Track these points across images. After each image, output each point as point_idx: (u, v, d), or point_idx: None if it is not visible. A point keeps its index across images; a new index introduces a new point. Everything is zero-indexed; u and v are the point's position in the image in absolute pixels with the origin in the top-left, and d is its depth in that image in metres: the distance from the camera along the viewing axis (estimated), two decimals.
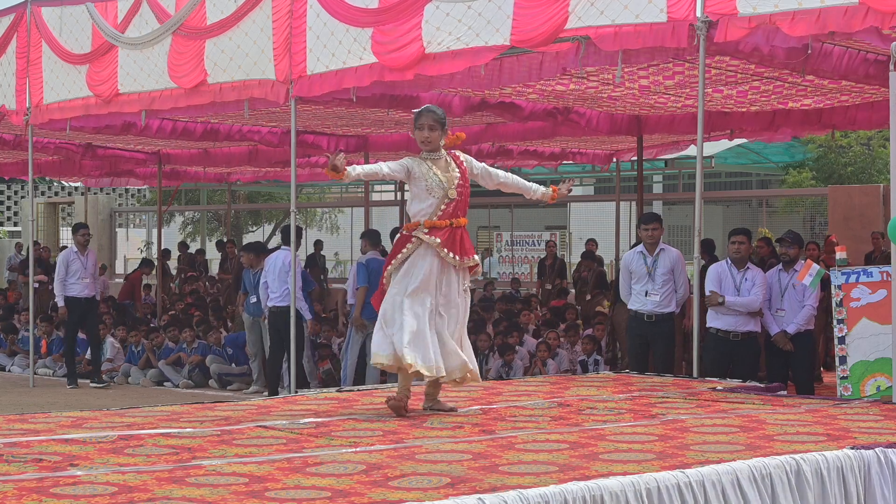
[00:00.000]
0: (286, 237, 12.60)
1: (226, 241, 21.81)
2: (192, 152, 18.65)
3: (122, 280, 21.78)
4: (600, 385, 8.17)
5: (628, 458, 5.11)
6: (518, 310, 15.33)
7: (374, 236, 12.87)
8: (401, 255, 6.59)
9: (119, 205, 33.56)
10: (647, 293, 9.92)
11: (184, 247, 23.47)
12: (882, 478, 5.28)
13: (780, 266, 9.87)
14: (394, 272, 6.62)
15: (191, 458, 5.17)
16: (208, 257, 24.62)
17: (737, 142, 17.90)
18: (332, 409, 6.89)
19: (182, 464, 5.02)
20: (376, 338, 6.65)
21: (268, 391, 12.68)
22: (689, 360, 9.57)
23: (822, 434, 5.84)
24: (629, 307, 10.18)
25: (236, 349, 14.62)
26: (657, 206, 28.63)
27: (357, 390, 8.36)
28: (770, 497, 4.92)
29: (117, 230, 28.13)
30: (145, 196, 33.84)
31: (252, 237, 31.23)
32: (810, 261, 9.62)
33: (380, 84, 10.27)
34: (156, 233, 22.74)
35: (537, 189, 7.09)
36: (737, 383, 8.23)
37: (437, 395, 6.76)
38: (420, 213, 6.63)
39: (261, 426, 6.15)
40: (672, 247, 10.26)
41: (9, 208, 38.31)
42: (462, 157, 6.84)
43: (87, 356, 15.59)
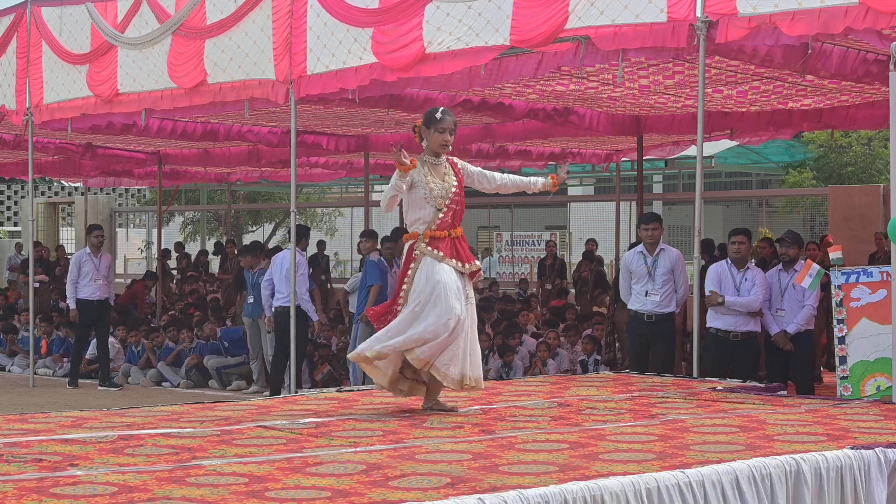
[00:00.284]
0: (297, 236, 12.60)
1: (225, 242, 21.80)
2: (192, 152, 18.65)
3: (124, 283, 21.76)
4: (600, 385, 8.18)
5: (628, 458, 5.11)
6: (517, 310, 15.33)
7: (376, 236, 12.89)
8: (409, 272, 6.59)
9: (119, 205, 33.55)
10: (647, 293, 9.92)
11: (180, 247, 23.47)
12: (882, 478, 5.28)
13: (780, 266, 9.87)
14: (405, 294, 6.60)
15: (191, 458, 5.17)
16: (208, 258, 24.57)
17: (737, 141, 17.87)
18: (332, 409, 6.89)
19: (182, 464, 5.02)
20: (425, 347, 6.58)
21: (269, 391, 12.66)
22: (689, 360, 9.58)
23: (822, 434, 5.84)
24: (629, 307, 10.18)
25: (232, 343, 14.58)
26: (657, 206, 28.62)
27: (357, 390, 8.37)
28: (770, 497, 4.92)
29: (117, 230, 28.14)
30: (145, 196, 33.83)
31: (252, 237, 31.21)
32: (810, 261, 9.61)
33: (380, 84, 10.26)
34: (156, 233, 22.74)
35: (536, 181, 7.05)
36: (737, 383, 8.23)
37: (437, 395, 6.77)
38: (418, 223, 6.62)
39: (261, 426, 6.15)
40: (672, 247, 10.27)
41: (9, 208, 38.31)
42: (459, 163, 6.84)
43: (88, 357, 15.61)
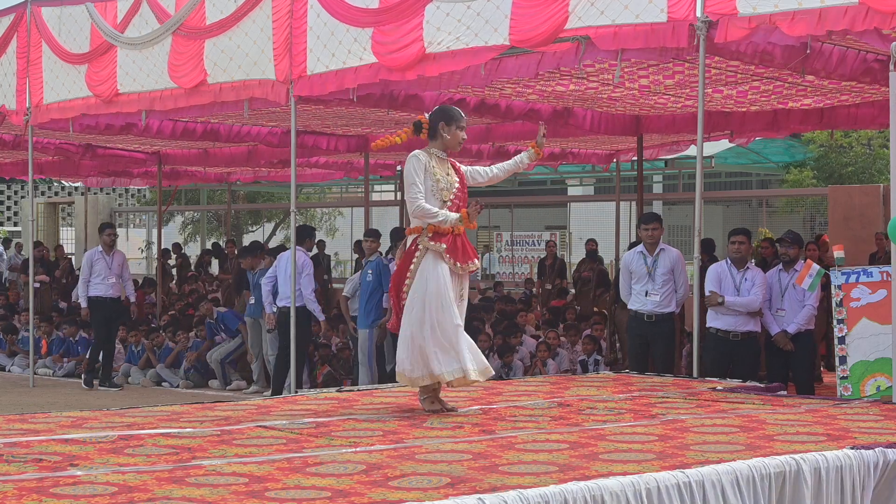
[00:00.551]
0: (300, 237, 12.60)
1: (225, 242, 21.80)
2: (192, 152, 18.65)
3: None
4: (600, 385, 8.17)
5: (628, 458, 5.11)
6: (517, 310, 15.32)
7: (381, 236, 12.88)
8: (412, 266, 6.61)
9: (119, 205, 33.53)
10: (647, 293, 9.92)
11: (178, 248, 23.47)
12: (882, 478, 5.28)
13: (781, 266, 9.87)
14: (408, 289, 6.64)
15: (191, 458, 5.17)
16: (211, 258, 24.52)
17: (737, 141, 17.87)
18: (332, 409, 6.89)
19: (182, 464, 5.02)
20: (404, 356, 6.67)
21: (271, 391, 12.66)
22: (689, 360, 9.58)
23: (822, 434, 5.84)
24: (629, 307, 10.18)
25: (229, 323, 14.52)
26: (657, 206, 28.61)
27: (357, 390, 8.37)
28: (770, 497, 4.92)
29: (117, 230, 28.06)
30: (145, 196, 33.82)
31: (252, 237, 31.22)
32: (810, 261, 9.62)
33: (380, 84, 10.27)
34: (156, 233, 22.73)
35: (522, 158, 7.11)
36: (737, 383, 8.23)
37: (437, 395, 6.77)
38: None
39: (261, 426, 6.15)
40: (672, 247, 10.27)
41: (9, 208, 38.30)
42: (456, 163, 6.93)
43: (87, 356, 15.61)
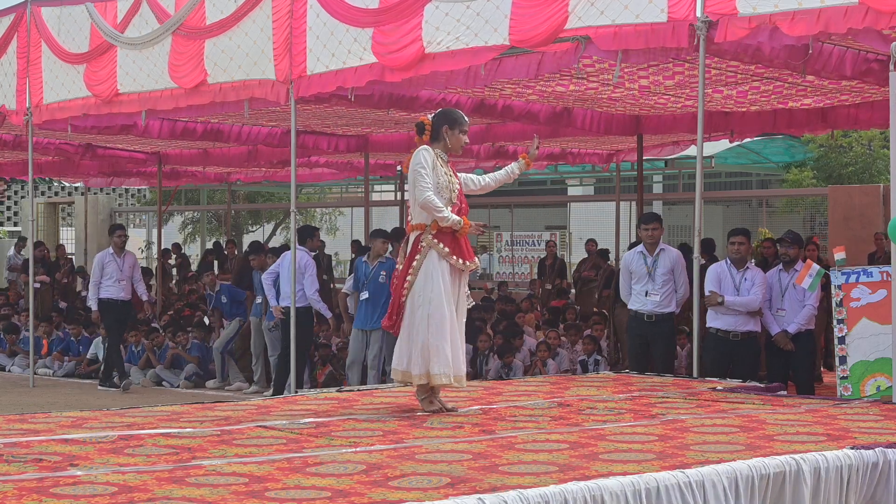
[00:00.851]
0: (302, 237, 12.59)
1: (225, 242, 21.78)
2: (192, 152, 18.65)
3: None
4: (600, 385, 8.18)
5: (628, 458, 5.11)
6: (517, 310, 15.31)
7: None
8: (414, 263, 6.63)
9: (119, 205, 33.51)
10: (647, 293, 9.93)
11: (177, 248, 23.47)
12: (882, 478, 5.28)
13: (781, 266, 9.87)
14: (410, 286, 6.64)
15: (191, 458, 5.17)
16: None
17: (737, 142, 17.86)
18: (332, 409, 6.89)
19: (182, 464, 5.02)
20: (401, 355, 6.70)
21: (272, 391, 12.65)
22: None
23: (822, 434, 5.84)
24: (629, 307, 10.19)
25: (230, 298, 14.46)
26: (657, 206, 28.58)
27: (357, 390, 8.37)
28: (770, 497, 4.93)
29: None
30: (145, 196, 33.82)
31: (252, 237, 31.21)
32: (810, 261, 9.62)
33: (380, 84, 10.27)
34: (156, 233, 22.73)
35: (512, 169, 7.16)
36: (737, 383, 8.24)
37: (437, 395, 6.78)
38: (425, 213, 6.69)
39: (261, 426, 6.15)
40: (672, 247, 10.27)
41: (9, 208, 38.30)
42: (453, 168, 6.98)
43: (88, 357, 15.61)
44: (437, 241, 6.64)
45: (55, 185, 34.10)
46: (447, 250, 6.62)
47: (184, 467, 4.94)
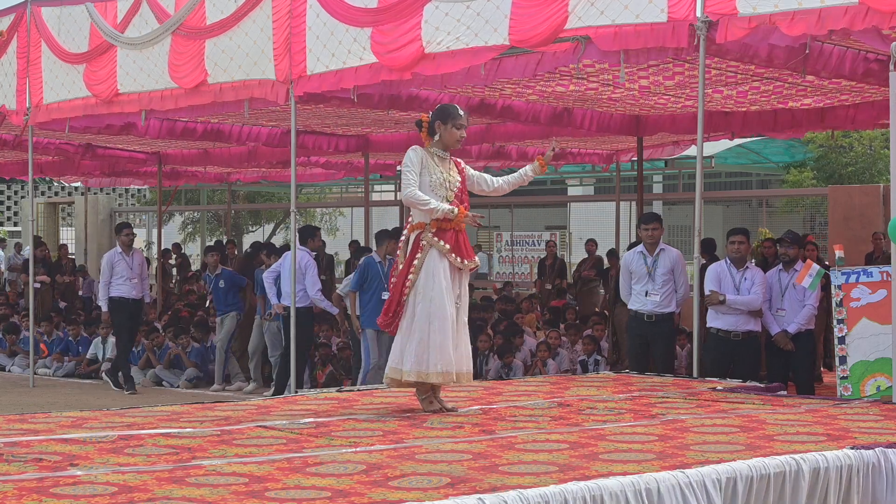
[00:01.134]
0: (301, 236, 12.57)
1: (225, 242, 21.78)
2: (192, 152, 18.64)
3: None
4: (600, 385, 8.18)
5: (628, 458, 5.11)
6: (517, 310, 15.31)
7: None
8: (416, 262, 6.62)
9: (119, 205, 33.52)
10: (647, 293, 9.93)
11: (178, 247, 23.47)
12: (882, 478, 5.28)
13: (780, 266, 9.87)
14: (412, 284, 6.64)
15: (191, 458, 5.17)
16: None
17: (737, 142, 17.88)
18: (332, 409, 6.89)
19: (182, 464, 5.02)
20: (399, 354, 6.69)
21: (274, 390, 12.65)
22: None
23: (822, 434, 5.84)
24: (629, 307, 10.19)
25: (228, 284, 14.42)
26: (657, 206, 28.58)
27: (357, 390, 8.37)
28: (770, 497, 4.92)
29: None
30: (145, 196, 33.83)
31: (252, 237, 31.22)
32: (810, 261, 9.62)
33: (380, 84, 10.26)
34: (156, 233, 22.73)
35: (526, 171, 7.12)
36: (737, 383, 8.24)
37: (437, 395, 6.78)
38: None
39: (261, 426, 6.15)
40: (672, 247, 10.27)
41: (9, 208, 38.30)
42: (462, 164, 6.93)
43: (88, 357, 15.60)
44: (437, 238, 6.63)
45: (55, 185, 34.10)
46: (447, 247, 6.62)
47: (184, 467, 4.94)
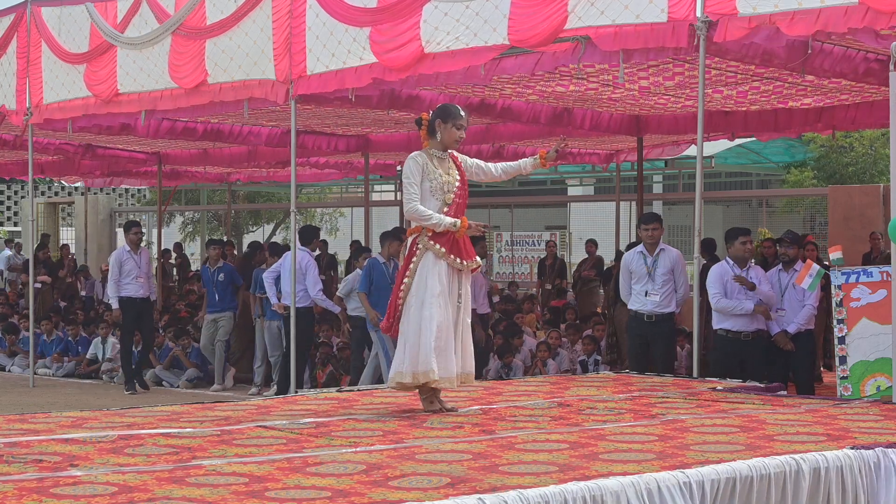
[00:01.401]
0: (303, 237, 12.55)
1: (225, 242, 21.77)
2: (192, 152, 18.64)
3: None
4: (600, 385, 8.18)
5: (628, 458, 5.11)
6: (517, 310, 15.32)
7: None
8: (411, 265, 6.62)
9: (119, 205, 33.52)
10: (647, 293, 9.92)
11: (178, 247, 23.47)
12: (882, 478, 5.28)
13: (780, 266, 9.87)
14: (407, 288, 6.64)
15: (191, 458, 5.17)
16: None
17: (737, 142, 17.87)
18: (332, 409, 6.89)
19: (182, 464, 5.02)
20: (399, 358, 6.69)
21: (276, 390, 12.65)
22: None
23: (822, 434, 5.84)
24: (629, 307, 10.19)
25: (227, 277, 14.40)
26: (657, 206, 28.59)
27: (357, 390, 8.37)
28: (770, 497, 4.92)
29: (117, 230, 28.07)
30: (145, 196, 33.83)
31: (252, 237, 31.21)
32: (810, 261, 9.61)
33: (379, 84, 10.27)
34: (156, 233, 22.73)
35: (525, 164, 7.10)
36: (737, 383, 8.24)
37: (437, 395, 6.77)
38: None
39: (261, 426, 6.15)
40: (672, 247, 10.27)
41: (9, 208, 38.29)
42: (459, 157, 6.90)
43: (88, 357, 15.60)
44: (433, 242, 6.61)
45: (55, 185, 34.09)
46: (444, 250, 6.59)
47: (184, 467, 4.94)
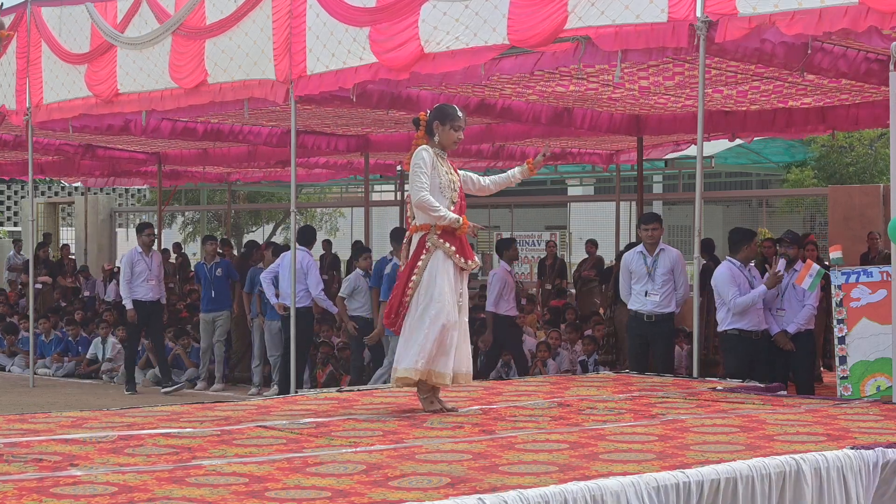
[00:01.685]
0: (302, 237, 12.56)
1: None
2: (192, 152, 18.65)
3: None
4: (600, 385, 8.18)
5: (628, 458, 5.11)
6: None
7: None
8: (420, 263, 6.63)
9: (119, 205, 33.51)
10: (646, 293, 9.92)
11: (178, 247, 23.46)
12: (882, 478, 5.28)
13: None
14: (416, 285, 6.64)
15: (191, 458, 5.17)
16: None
17: (737, 142, 17.87)
18: (332, 409, 6.89)
19: (182, 464, 5.02)
20: (403, 353, 6.69)
21: (278, 390, 12.65)
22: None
23: (822, 434, 5.84)
24: (629, 307, 10.18)
25: (225, 272, 14.40)
26: (657, 206, 28.61)
27: (357, 390, 8.37)
28: (770, 497, 4.92)
29: (117, 230, 28.10)
30: (145, 196, 33.83)
31: (252, 237, 31.21)
32: (810, 261, 9.61)
33: (379, 84, 10.26)
34: (156, 233, 22.71)
35: (514, 174, 7.13)
36: (737, 383, 8.24)
37: (437, 395, 6.78)
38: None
39: (261, 426, 6.15)
40: (672, 247, 10.27)
41: (9, 208, 38.29)
42: (453, 166, 6.95)
43: (88, 357, 15.60)
44: (442, 240, 6.64)
45: (55, 185, 34.09)
46: (453, 249, 6.63)
47: (184, 467, 4.94)
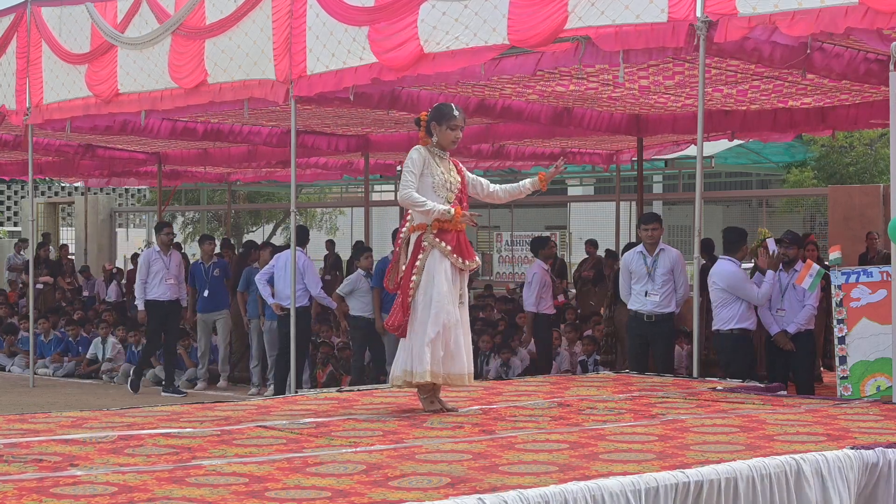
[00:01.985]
0: (301, 237, 12.58)
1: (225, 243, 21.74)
2: (192, 152, 18.65)
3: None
4: (600, 385, 8.18)
5: (628, 458, 5.11)
6: (516, 310, 15.31)
7: None
8: (418, 262, 6.62)
9: (119, 205, 33.54)
10: (646, 293, 9.93)
11: (178, 247, 23.44)
12: (882, 478, 5.28)
13: (780, 266, 9.86)
14: (416, 285, 6.63)
15: (191, 458, 5.17)
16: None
17: (737, 142, 17.88)
18: (332, 409, 6.89)
19: (182, 464, 5.02)
20: (414, 358, 6.67)
21: (273, 391, 12.65)
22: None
23: (822, 434, 5.84)
24: (629, 307, 10.19)
25: (222, 272, 14.37)
26: (657, 206, 28.59)
27: (357, 390, 8.37)
28: (770, 497, 4.92)
29: (117, 230, 28.13)
30: (145, 196, 33.84)
31: (252, 237, 31.22)
32: (810, 261, 9.61)
33: (379, 84, 10.26)
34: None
35: (524, 185, 7.06)
36: (737, 383, 8.24)
37: (437, 395, 6.78)
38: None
39: (261, 426, 6.15)
40: (672, 247, 10.27)
41: (9, 208, 38.31)
42: (460, 165, 6.91)
43: (88, 357, 15.60)
44: (438, 239, 6.62)
45: (55, 185, 34.11)
46: (449, 248, 6.60)
47: (184, 467, 4.94)
